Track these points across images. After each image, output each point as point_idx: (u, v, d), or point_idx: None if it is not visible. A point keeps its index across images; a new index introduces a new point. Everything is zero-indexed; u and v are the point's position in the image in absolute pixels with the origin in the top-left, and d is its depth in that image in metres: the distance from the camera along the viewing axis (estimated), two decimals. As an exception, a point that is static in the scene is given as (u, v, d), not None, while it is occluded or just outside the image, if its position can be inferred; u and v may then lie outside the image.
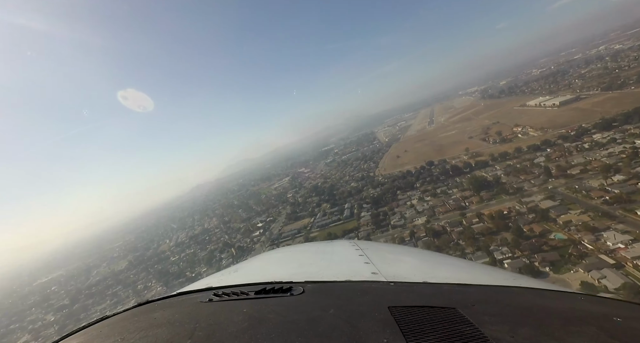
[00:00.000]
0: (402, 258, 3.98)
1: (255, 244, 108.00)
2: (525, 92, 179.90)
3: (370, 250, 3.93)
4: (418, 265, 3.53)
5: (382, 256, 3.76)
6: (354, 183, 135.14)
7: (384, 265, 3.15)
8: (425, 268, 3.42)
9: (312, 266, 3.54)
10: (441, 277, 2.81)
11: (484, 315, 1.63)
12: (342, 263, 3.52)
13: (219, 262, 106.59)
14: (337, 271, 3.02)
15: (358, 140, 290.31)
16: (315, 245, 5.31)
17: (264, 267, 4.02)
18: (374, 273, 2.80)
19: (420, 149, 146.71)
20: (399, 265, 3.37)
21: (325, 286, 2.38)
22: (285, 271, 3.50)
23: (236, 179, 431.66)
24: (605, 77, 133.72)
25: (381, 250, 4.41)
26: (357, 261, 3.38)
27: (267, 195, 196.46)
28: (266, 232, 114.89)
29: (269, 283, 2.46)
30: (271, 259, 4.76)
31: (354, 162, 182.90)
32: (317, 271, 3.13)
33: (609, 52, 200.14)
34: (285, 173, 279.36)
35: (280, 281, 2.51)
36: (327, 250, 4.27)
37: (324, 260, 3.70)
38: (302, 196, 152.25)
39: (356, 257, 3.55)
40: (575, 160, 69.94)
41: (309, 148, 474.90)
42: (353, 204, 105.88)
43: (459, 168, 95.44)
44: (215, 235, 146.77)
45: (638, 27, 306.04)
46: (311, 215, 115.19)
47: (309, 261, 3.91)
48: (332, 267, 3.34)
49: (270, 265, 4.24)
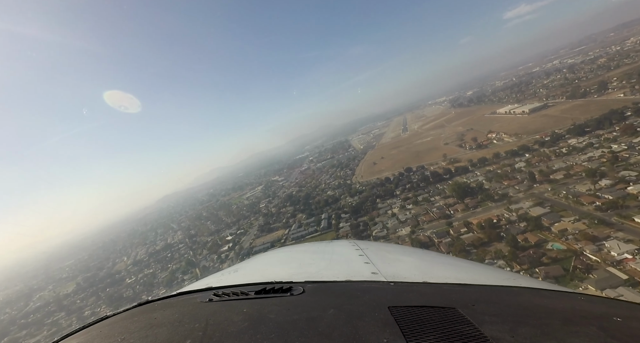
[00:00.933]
0: (402, 258, 3.83)
1: (222, 262, 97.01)
2: (494, 101, 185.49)
3: (370, 250, 3.91)
4: (418, 265, 3.47)
5: (382, 256, 3.70)
6: (330, 192, 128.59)
7: (384, 265, 3.16)
8: (425, 268, 3.37)
9: (312, 266, 3.46)
10: (441, 277, 2.81)
11: (484, 315, 1.63)
12: (342, 263, 3.47)
13: (181, 284, 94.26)
14: (337, 271, 3.00)
15: (333, 148, 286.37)
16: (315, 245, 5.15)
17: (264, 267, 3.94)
18: (374, 273, 2.81)
19: (396, 155, 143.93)
20: (399, 265, 3.33)
21: (325, 286, 2.38)
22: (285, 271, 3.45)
23: (207, 189, 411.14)
24: (567, 86, 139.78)
25: (381, 250, 4.29)
26: (357, 261, 3.38)
27: (239, 205, 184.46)
28: (236, 246, 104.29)
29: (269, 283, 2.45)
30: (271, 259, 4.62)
31: (329, 169, 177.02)
32: (317, 271, 3.11)
33: (564, 65, 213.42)
34: (258, 181, 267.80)
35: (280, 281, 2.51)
36: (327, 250, 4.18)
37: (324, 260, 3.63)
38: (276, 206, 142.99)
39: (356, 257, 3.54)
40: (557, 165, 68.28)
41: (284, 156, 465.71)
42: (330, 214, 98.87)
43: (439, 174, 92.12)
44: (178, 251, 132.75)
45: (582, 45, 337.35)
46: (286, 226, 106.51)
47: (309, 261, 3.83)
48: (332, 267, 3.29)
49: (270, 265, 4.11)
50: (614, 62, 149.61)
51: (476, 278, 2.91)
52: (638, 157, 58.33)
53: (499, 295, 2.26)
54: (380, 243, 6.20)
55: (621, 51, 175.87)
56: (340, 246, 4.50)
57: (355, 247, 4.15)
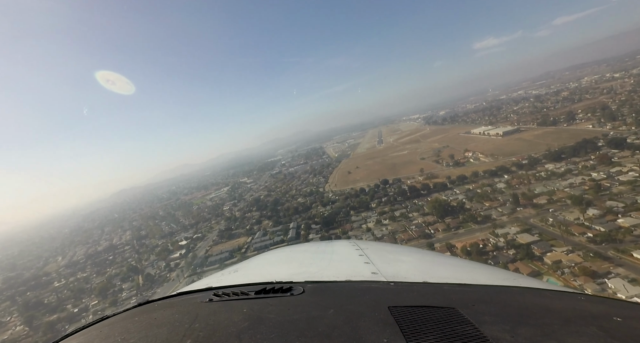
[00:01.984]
0: (402, 258, 3.81)
1: (171, 270, 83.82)
2: (467, 121, 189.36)
3: (370, 250, 3.90)
4: (418, 265, 3.45)
5: (382, 256, 3.69)
6: (301, 199, 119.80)
7: (384, 264, 3.14)
8: (425, 268, 3.35)
9: (312, 266, 3.44)
10: (441, 277, 2.80)
11: (484, 315, 1.62)
12: (342, 263, 3.45)
13: (117, 294, 79.69)
14: (337, 271, 2.99)
15: (307, 153, 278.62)
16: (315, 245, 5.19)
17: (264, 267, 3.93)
18: (374, 273, 2.80)
19: (372, 166, 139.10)
20: (399, 265, 3.31)
21: (326, 286, 2.37)
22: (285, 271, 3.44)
23: (169, 186, 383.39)
24: (537, 114, 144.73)
25: (381, 249, 4.28)
26: (357, 261, 3.35)
27: (200, 206, 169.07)
28: (189, 253, 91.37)
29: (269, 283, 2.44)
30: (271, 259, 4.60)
31: (302, 175, 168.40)
32: (317, 271, 3.09)
33: (529, 95, 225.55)
34: (225, 182, 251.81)
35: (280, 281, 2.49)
36: (327, 250, 4.18)
37: (324, 260, 3.60)
38: (241, 210, 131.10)
39: (356, 257, 3.52)
40: (538, 189, 65.61)
41: (255, 158, 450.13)
42: (300, 224, 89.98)
43: (417, 189, 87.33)
44: (122, 254, 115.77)
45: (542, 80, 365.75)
46: (248, 233, 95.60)
47: (309, 261, 3.81)
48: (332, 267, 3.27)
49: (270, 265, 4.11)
50: (577, 96, 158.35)
51: (476, 278, 2.89)
52: (620, 187, 56.70)
53: (499, 295, 2.25)
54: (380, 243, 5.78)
55: (580, 87, 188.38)
56: (340, 246, 4.42)
57: (355, 247, 4.09)
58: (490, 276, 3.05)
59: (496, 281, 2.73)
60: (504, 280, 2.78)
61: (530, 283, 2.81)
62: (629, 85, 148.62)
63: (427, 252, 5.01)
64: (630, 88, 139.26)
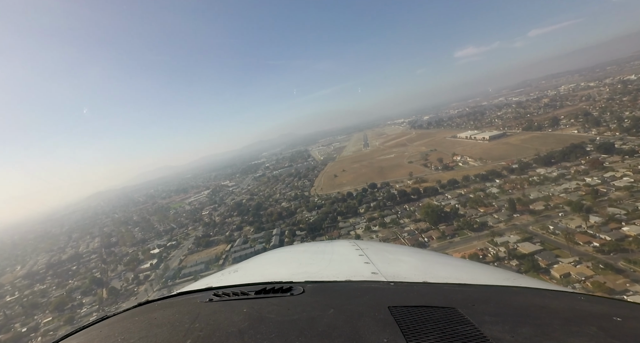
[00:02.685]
0: (402, 258, 3.77)
1: (140, 283, 75.36)
2: (452, 126, 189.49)
3: (370, 250, 3.88)
4: (418, 265, 3.43)
5: (382, 256, 3.68)
6: (285, 203, 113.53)
7: (384, 264, 3.14)
8: (425, 268, 3.33)
9: (312, 266, 3.42)
10: (441, 277, 2.80)
11: (484, 315, 1.62)
12: (342, 263, 3.44)
13: (76, 309, 70.64)
14: (337, 271, 2.98)
15: (292, 156, 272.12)
16: (315, 245, 5.05)
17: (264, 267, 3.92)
18: (374, 273, 2.79)
19: (359, 169, 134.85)
20: (399, 265, 3.28)
21: (325, 286, 2.37)
22: (285, 271, 3.44)
23: (147, 189, 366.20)
24: (521, 119, 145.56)
25: (381, 249, 4.25)
26: (357, 261, 3.35)
27: (178, 211, 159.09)
28: (161, 264, 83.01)
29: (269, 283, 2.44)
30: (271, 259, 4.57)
31: (286, 178, 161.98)
32: (317, 271, 3.09)
33: (510, 102, 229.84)
34: (206, 185, 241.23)
35: (280, 281, 2.49)
36: (327, 250, 4.15)
37: (324, 260, 3.59)
38: (221, 214, 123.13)
39: (356, 257, 3.52)
40: (533, 194, 62.79)
41: (238, 160, 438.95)
42: (284, 230, 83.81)
43: (407, 193, 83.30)
44: (88, 263, 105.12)
45: (521, 88, 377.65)
46: (228, 241, 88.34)
47: (309, 261, 3.78)
48: (332, 267, 3.26)
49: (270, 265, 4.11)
50: (557, 103, 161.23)
51: (476, 278, 2.89)
52: (617, 193, 54.44)
53: (499, 295, 2.25)
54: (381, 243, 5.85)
55: (558, 95, 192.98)
56: (340, 246, 4.40)
57: (355, 247, 4.07)
58: (490, 276, 3.03)
59: (496, 281, 2.72)
60: (504, 280, 2.76)
61: (530, 283, 2.77)
62: (605, 93, 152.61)
63: (427, 252, 4.83)
64: (607, 96, 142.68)
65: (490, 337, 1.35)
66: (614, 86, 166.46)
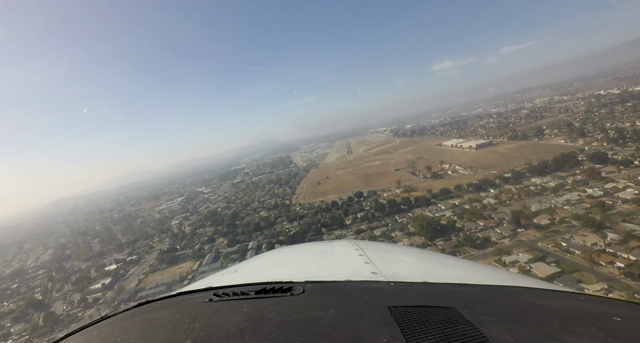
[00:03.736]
0: (402, 258, 3.75)
1: (87, 307, 62.99)
2: (436, 134, 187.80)
3: (370, 249, 3.85)
4: (418, 265, 3.41)
5: (382, 256, 3.66)
6: (264, 212, 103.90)
7: (384, 264, 3.13)
8: (425, 268, 3.32)
9: (312, 266, 3.41)
10: (441, 277, 2.79)
11: (484, 315, 1.61)
12: (342, 263, 3.42)
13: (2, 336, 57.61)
14: (337, 271, 2.97)
15: (273, 162, 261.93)
16: (315, 245, 4.99)
17: (264, 267, 3.89)
18: (374, 273, 2.78)
19: (343, 177, 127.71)
20: (399, 265, 3.27)
21: (325, 286, 2.36)
22: (285, 271, 3.42)
23: (117, 195, 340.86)
24: (504, 129, 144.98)
25: (381, 249, 4.21)
26: (357, 261, 3.33)
27: (146, 220, 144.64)
28: (115, 284, 70.71)
29: (269, 283, 2.43)
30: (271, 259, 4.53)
31: (266, 185, 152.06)
32: (317, 271, 3.08)
33: (489, 113, 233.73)
34: (180, 191, 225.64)
35: (280, 281, 2.48)
36: (327, 250, 4.12)
37: (324, 260, 3.57)
38: (193, 224, 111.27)
39: (356, 257, 3.49)
40: (534, 206, 57.68)
41: (218, 166, 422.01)
42: (261, 243, 74.36)
43: (397, 203, 76.59)
44: (32, 280, 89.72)
45: (497, 100, 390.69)
46: (196, 256, 77.32)
47: (309, 261, 3.76)
48: (332, 267, 3.25)
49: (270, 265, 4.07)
50: (537, 114, 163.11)
51: (476, 278, 2.88)
52: (625, 206, 50.09)
53: (499, 295, 2.24)
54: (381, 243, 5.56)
55: (536, 107, 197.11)
56: (341, 246, 4.35)
57: (355, 247, 4.04)
58: (490, 276, 3.01)
59: (496, 281, 2.70)
60: (504, 280, 2.75)
61: (530, 283, 2.76)
62: (582, 106, 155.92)
63: (427, 252, 4.80)
64: (584, 109, 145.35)
65: (490, 337, 1.35)
66: (588, 99, 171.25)
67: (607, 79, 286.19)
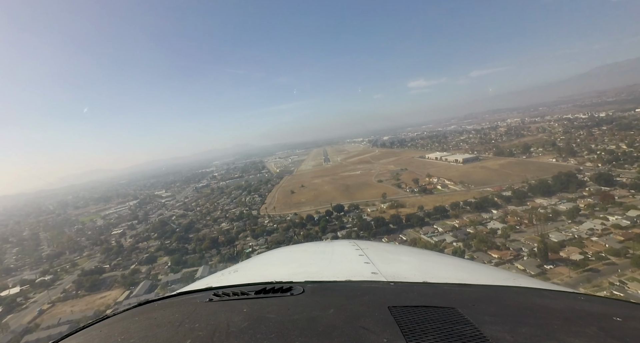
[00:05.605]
0: (402, 258, 3.73)
1: None
2: (417, 146, 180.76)
3: (370, 249, 3.83)
4: (418, 265, 3.38)
5: (382, 256, 3.63)
6: (226, 224, 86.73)
7: (384, 264, 3.11)
8: (425, 268, 3.29)
9: (312, 266, 3.38)
10: (441, 277, 2.78)
11: (484, 315, 1.60)
12: (342, 263, 3.40)
13: None
14: (337, 271, 2.95)
15: (245, 167, 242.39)
16: (315, 245, 4.95)
17: (264, 267, 3.86)
18: (374, 273, 2.77)
19: (320, 186, 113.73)
20: (399, 265, 3.25)
21: (325, 286, 2.34)
22: (285, 271, 3.40)
23: (66, 195, 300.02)
24: (487, 145, 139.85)
25: (381, 249, 4.17)
26: (357, 261, 3.31)
27: (84, 227, 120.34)
28: (3, 318, 50.20)
29: (269, 283, 2.42)
30: (271, 259, 4.47)
31: (233, 191, 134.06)
32: (317, 271, 3.05)
33: (465, 129, 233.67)
34: (136, 194, 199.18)
35: (280, 281, 2.47)
36: (327, 250, 4.06)
37: (324, 260, 3.54)
38: (136, 236, 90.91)
39: (356, 257, 3.47)
40: (553, 235, 47.21)
41: (185, 167, 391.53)
42: (212, 268, 57.68)
43: (384, 221, 63.65)
44: None
45: (468, 119, 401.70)
46: (128, 282, 58.16)
47: (309, 261, 3.73)
48: (332, 267, 3.22)
49: (270, 265, 4.02)
50: (516, 132, 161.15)
51: (476, 278, 2.86)
52: (667, 239, 40.66)
53: (499, 295, 2.23)
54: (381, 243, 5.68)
55: (512, 126, 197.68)
56: (340, 246, 4.28)
57: (355, 247, 3.98)
58: (490, 276, 3.00)
59: (496, 281, 2.68)
60: (504, 280, 2.73)
61: (530, 283, 2.73)
62: (557, 127, 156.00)
63: (427, 252, 4.83)
64: (561, 130, 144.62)
65: (490, 337, 1.34)
66: (561, 122, 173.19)
67: (568, 105, 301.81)
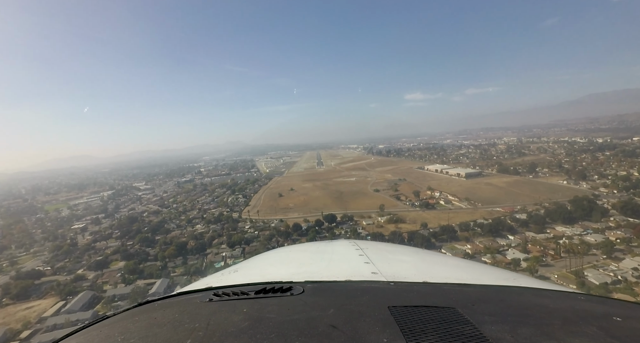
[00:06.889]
0: (402, 258, 3.70)
1: None
2: (414, 157, 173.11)
3: (370, 249, 3.81)
4: (418, 265, 3.38)
5: (382, 256, 3.61)
6: (201, 226, 75.74)
7: (384, 264, 3.09)
8: (425, 268, 3.29)
9: (312, 266, 3.36)
10: (441, 277, 2.77)
11: (484, 315, 1.60)
12: (342, 263, 3.38)
13: None
14: (337, 271, 2.93)
15: (234, 164, 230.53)
16: (315, 245, 4.92)
17: (264, 267, 3.82)
18: (374, 273, 2.76)
19: (311, 191, 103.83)
20: (399, 265, 3.23)
21: (325, 286, 2.34)
22: (285, 271, 3.37)
23: (42, 179, 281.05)
24: (488, 161, 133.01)
25: (381, 249, 4.14)
26: (357, 261, 3.30)
27: (48, 216, 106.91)
28: None
29: (269, 283, 2.41)
30: (271, 259, 4.42)
31: (217, 189, 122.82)
32: (317, 271, 3.03)
33: (461, 144, 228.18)
34: (114, 183, 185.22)
35: (280, 281, 2.46)
36: (327, 250, 4.04)
37: (324, 260, 3.52)
38: (97, 232, 78.84)
39: (356, 257, 3.45)
40: (590, 274, 38.61)
41: (173, 160, 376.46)
42: (173, 283, 46.90)
43: (383, 238, 54.08)
44: None
45: (463, 134, 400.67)
46: (66, 292, 46.43)
47: (309, 261, 3.70)
48: (332, 267, 3.20)
49: (270, 265, 3.99)
50: (517, 150, 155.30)
51: (476, 278, 2.83)
52: None
53: (499, 295, 2.22)
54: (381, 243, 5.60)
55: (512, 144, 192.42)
56: (340, 245, 4.22)
57: (355, 247, 3.93)
58: (490, 276, 2.98)
59: (496, 281, 2.66)
60: (504, 280, 2.71)
61: (530, 283, 2.71)
62: (557, 149, 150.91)
63: (427, 252, 4.79)
64: (564, 151, 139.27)
65: (490, 337, 1.33)
66: (560, 143, 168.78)
67: (562, 129, 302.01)
